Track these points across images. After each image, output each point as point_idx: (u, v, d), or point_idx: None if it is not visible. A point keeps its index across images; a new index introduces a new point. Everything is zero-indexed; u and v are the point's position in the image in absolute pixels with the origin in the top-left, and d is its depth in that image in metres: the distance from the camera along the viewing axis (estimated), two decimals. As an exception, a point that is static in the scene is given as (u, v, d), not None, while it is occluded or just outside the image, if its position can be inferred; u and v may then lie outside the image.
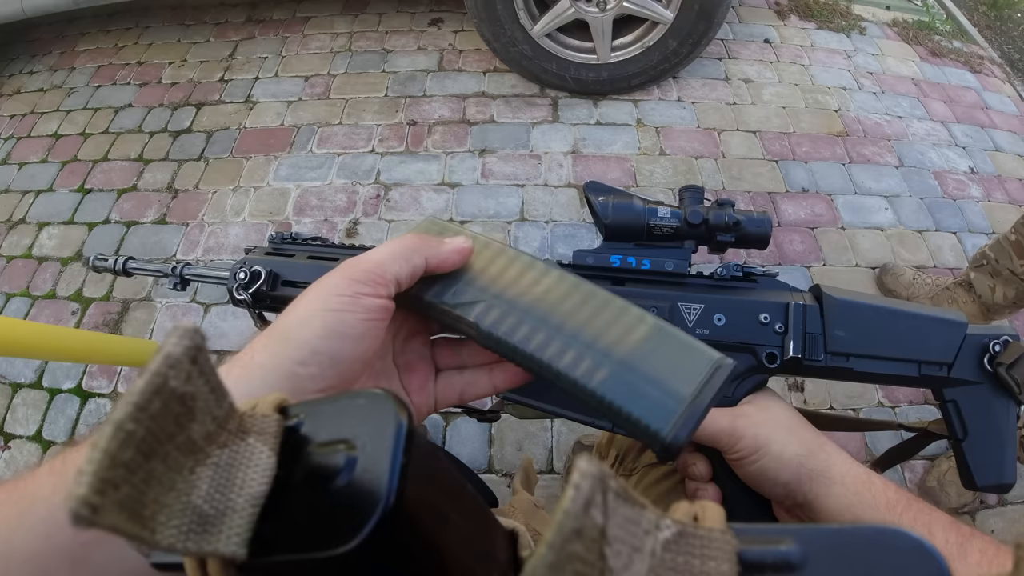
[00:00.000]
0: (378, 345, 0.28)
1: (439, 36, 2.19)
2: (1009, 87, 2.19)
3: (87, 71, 2.22)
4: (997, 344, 0.42)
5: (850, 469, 0.39)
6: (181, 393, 0.13)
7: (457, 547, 0.15)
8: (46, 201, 1.79)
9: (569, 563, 0.11)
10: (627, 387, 0.25)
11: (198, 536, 0.13)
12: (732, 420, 0.41)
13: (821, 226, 1.65)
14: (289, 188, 1.75)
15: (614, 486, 0.13)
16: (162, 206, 1.74)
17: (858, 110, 1.97)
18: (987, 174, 1.83)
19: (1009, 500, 1.23)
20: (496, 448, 1.29)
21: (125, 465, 0.12)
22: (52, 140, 1.97)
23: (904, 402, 1.35)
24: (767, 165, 1.79)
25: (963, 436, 0.43)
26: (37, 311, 1.54)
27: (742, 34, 2.22)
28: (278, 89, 2.05)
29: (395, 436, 0.13)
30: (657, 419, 0.24)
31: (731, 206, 0.44)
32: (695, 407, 0.24)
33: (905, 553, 0.13)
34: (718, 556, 0.13)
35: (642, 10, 1.70)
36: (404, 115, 1.92)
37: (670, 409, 0.24)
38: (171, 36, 2.33)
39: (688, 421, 0.24)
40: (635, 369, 0.25)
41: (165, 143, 1.91)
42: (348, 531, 0.12)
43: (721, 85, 2.02)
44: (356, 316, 0.27)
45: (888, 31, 2.35)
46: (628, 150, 1.82)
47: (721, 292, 0.44)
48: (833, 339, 0.42)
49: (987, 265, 1.29)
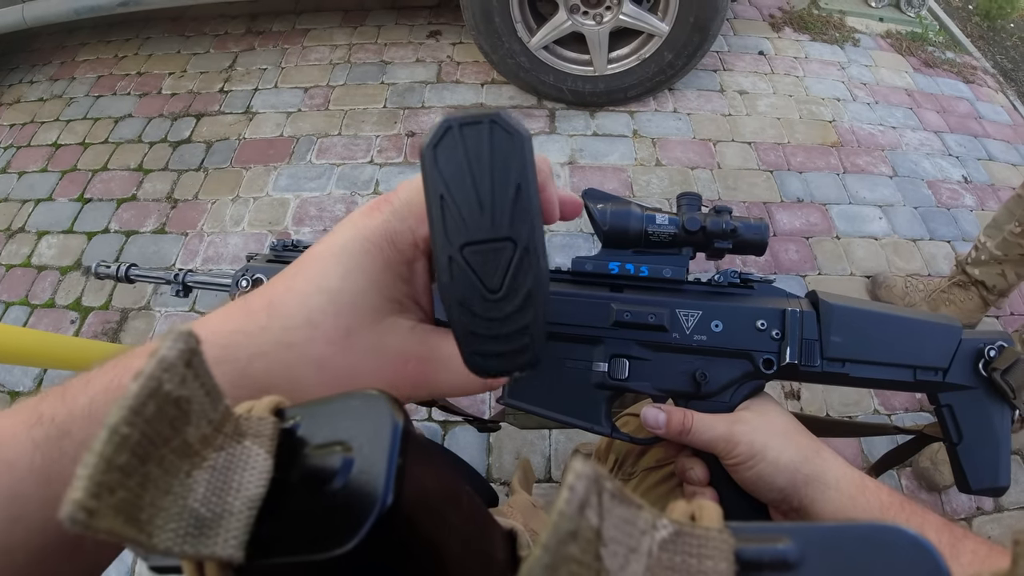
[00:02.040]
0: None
1: (437, 48, 2.21)
2: (1002, 97, 2.22)
3: (87, 81, 2.23)
4: (992, 349, 0.42)
5: (845, 473, 0.39)
6: (176, 396, 0.13)
7: (455, 547, 0.15)
8: (45, 210, 1.79)
9: (565, 564, 0.11)
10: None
11: (195, 539, 0.13)
12: (729, 426, 0.41)
13: (816, 235, 1.66)
14: (288, 198, 1.75)
15: (609, 487, 0.13)
16: (161, 216, 1.74)
17: (852, 121, 1.99)
18: (981, 183, 1.85)
19: (1006, 506, 1.22)
20: (495, 457, 1.28)
21: (120, 469, 0.12)
22: (52, 150, 1.97)
23: (900, 409, 1.35)
24: (762, 175, 1.81)
25: (958, 440, 0.43)
26: (36, 320, 1.53)
27: (737, 46, 2.25)
28: (277, 100, 2.06)
29: (391, 437, 0.14)
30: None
31: (728, 213, 0.45)
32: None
33: (902, 550, 0.13)
34: (715, 555, 0.13)
35: (638, 23, 1.72)
36: (403, 126, 1.94)
37: None
38: (171, 47, 2.35)
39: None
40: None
41: (165, 153, 1.92)
42: (345, 533, 0.12)
43: (716, 96, 2.04)
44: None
45: (881, 42, 2.38)
46: (624, 161, 1.84)
47: (718, 299, 0.45)
48: (829, 345, 0.43)
49: (989, 259, 1.33)
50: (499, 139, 0.16)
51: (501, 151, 0.16)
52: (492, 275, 0.16)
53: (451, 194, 0.16)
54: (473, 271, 0.16)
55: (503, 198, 0.16)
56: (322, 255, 0.23)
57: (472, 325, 0.16)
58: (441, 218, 0.16)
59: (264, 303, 0.23)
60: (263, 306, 0.23)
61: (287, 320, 0.22)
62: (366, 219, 0.23)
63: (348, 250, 0.23)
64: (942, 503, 1.23)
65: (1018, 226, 1.26)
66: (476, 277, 0.16)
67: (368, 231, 0.23)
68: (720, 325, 0.43)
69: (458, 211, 0.16)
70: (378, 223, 0.23)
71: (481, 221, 0.16)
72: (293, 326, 0.22)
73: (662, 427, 0.42)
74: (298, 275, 0.23)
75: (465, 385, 0.24)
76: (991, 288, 1.36)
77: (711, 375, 0.43)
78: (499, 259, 0.16)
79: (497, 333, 0.16)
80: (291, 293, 0.23)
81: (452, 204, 0.16)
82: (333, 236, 0.24)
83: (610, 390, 0.44)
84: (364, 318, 0.23)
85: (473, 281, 0.16)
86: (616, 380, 0.44)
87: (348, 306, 0.22)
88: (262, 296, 0.23)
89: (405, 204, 0.23)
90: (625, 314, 0.43)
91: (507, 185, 0.16)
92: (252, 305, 0.23)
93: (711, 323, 0.43)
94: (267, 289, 0.24)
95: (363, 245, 0.22)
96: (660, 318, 0.43)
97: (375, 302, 0.23)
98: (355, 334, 0.22)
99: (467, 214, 0.16)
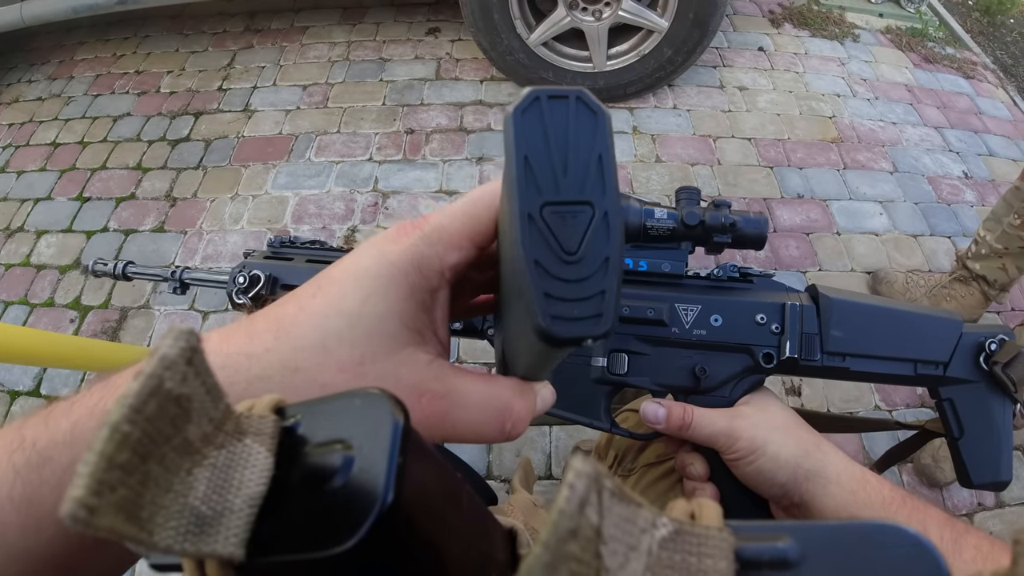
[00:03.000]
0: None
1: (436, 45, 2.21)
2: (1002, 92, 2.21)
3: (86, 80, 2.22)
4: (993, 343, 0.42)
5: (846, 468, 0.39)
6: (177, 395, 0.13)
7: (455, 546, 0.15)
8: (44, 209, 1.79)
9: (565, 563, 0.11)
10: None
11: (196, 537, 0.13)
12: (730, 421, 0.41)
13: (816, 231, 1.66)
14: (287, 196, 1.75)
15: (609, 485, 0.13)
16: (160, 214, 1.74)
17: (852, 116, 1.99)
18: (981, 178, 1.85)
19: (1007, 502, 1.23)
20: (495, 454, 1.28)
21: (121, 467, 0.12)
22: (50, 149, 1.97)
23: (900, 405, 1.35)
24: (762, 171, 1.80)
25: (959, 434, 0.43)
26: (35, 319, 1.53)
27: (736, 42, 2.24)
28: (276, 98, 2.05)
29: (391, 436, 0.14)
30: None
31: (727, 207, 0.44)
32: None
33: (901, 548, 0.13)
34: (715, 554, 0.13)
35: (637, 19, 1.71)
36: (402, 123, 1.93)
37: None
38: (169, 45, 2.34)
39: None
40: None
41: (163, 152, 1.91)
42: (345, 531, 0.12)
43: (716, 93, 2.03)
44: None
45: (882, 38, 2.37)
46: (624, 157, 1.83)
47: (718, 293, 0.45)
48: (830, 339, 0.43)
49: (990, 253, 1.33)
50: (582, 114, 0.17)
51: (584, 125, 0.17)
52: (570, 237, 0.17)
53: (536, 156, 0.17)
54: (551, 231, 0.16)
55: (585, 165, 0.17)
56: (342, 277, 0.22)
57: (547, 286, 0.16)
58: (524, 177, 0.16)
59: (271, 324, 0.22)
60: (270, 327, 0.21)
61: (297, 342, 0.21)
62: (392, 244, 0.22)
63: (371, 273, 0.21)
64: (943, 499, 1.23)
65: (1017, 218, 1.25)
66: (554, 238, 0.16)
67: (394, 256, 0.21)
68: (719, 319, 0.43)
69: (541, 171, 0.17)
70: (405, 247, 0.22)
71: (564, 183, 0.17)
72: (304, 348, 0.21)
73: (662, 422, 0.42)
74: (315, 296, 0.22)
75: (481, 426, 0.22)
76: (992, 283, 1.36)
77: (711, 370, 0.43)
78: (578, 222, 0.17)
79: (573, 296, 0.16)
80: (304, 314, 0.21)
81: (536, 164, 0.17)
82: (354, 258, 0.22)
83: (609, 385, 0.44)
84: (381, 347, 0.21)
85: (550, 241, 0.16)
86: (615, 375, 0.44)
87: (366, 332, 0.21)
88: (268, 317, 0.22)
89: (436, 230, 0.22)
90: (624, 309, 0.43)
91: (589, 154, 0.17)
92: (256, 326, 0.22)
93: (710, 317, 0.43)
94: (275, 309, 0.22)
95: (388, 270, 0.21)
96: (659, 312, 0.43)
97: (394, 330, 0.21)
98: (369, 363, 0.21)
99: (550, 175, 0.17)
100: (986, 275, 1.35)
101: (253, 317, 0.23)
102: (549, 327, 0.16)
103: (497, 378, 0.24)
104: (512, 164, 0.16)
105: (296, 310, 0.22)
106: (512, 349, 0.23)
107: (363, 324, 0.21)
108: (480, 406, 0.23)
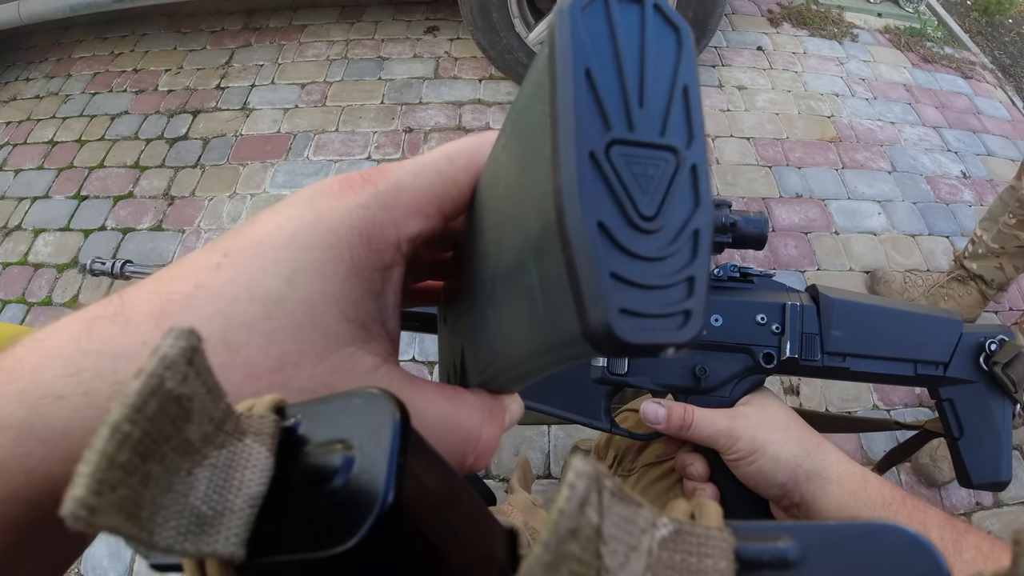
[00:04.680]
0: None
1: (435, 44, 2.20)
2: (1000, 92, 2.21)
3: (83, 78, 2.22)
4: (993, 343, 0.42)
5: (846, 468, 0.39)
6: (178, 394, 0.13)
7: (456, 546, 0.15)
8: (42, 208, 1.79)
9: (565, 563, 0.11)
10: None
11: (196, 537, 0.13)
12: (730, 421, 0.41)
13: (815, 231, 1.66)
14: (286, 195, 1.73)
15: (609, 485, 0.13)
16: (158, 213, 1.73)
17: (851, 116, 1.99)
18: (979, 178, 1.85)
19: (1005, 501, 1.23)
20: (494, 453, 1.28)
21: (122, 467, 0.12)
22: (48, 147, 1.97)
23: (899, 404, 1.36)
24: (761, 171, 1.80)
25: (959, 434, 0.43)
26: (33, 318, 1.53)
27: (735, 41, 2.24)
28: (274, 96, 2.05)
29: (392, 435, 0.14)
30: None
31: (728, 207, 0.45)
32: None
33: (902, 549, 0.13)
34: (715, 554, 0.13)
35: (637, 17, 1.71)
36: (400, 122, 1.93)
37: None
38: (167, 44, 2.34)
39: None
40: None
41: (161, 150, 1.91)
42: (346, 531, 0.12)
43: (715, 92, 2.03)
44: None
45: (880, 38, 2.37)
46: (624, 156, 1.83)
47: (718, 293, 0.45)
48: (830, 339, 0.43)
49: (987, 252, 1.33)
50: (660, 29, 0.12)
51: (662, 42, 0.12)
52: (645, 194, 0.11)
53: (602, 73, 0.11)
54: (622, 182, 0.11)
55: (666, 97, 0.12)
56: (258, 245, 0.16)
57: (612, 263, 0.10)
58: (586, 99, 0.11)
59: (152, 308, 0.15)
60: (151, 312, 0.15)
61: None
62: (333, 200, 0.16)
63: (300, 242, 0.15)
64: (941, 499, 1.24)
65: (1012, 217, 1.25)
66: (625, 192, 0.11)
67: (335, 218, 0.16)
68: (720, 319, 0.43)
69: (609, 95, 0.11)
70: (350, 208, 0.16)
71: (640, 117, 0.11)
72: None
73: (662, 422, 0.42)
74: (218, 269, 0.15)
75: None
76: (989, 282, 1.36)
77: (711, 370, 0.43)
78: (658, 174, 0.11)
79: (650, 281, 0.11)
80: (202, 294, 0.15)
81: (603, 84, 0.11)
82: (278, 217, 0.16)
83: (609, 385, 0.44)
84: (310, 345, 0.15)
85: (620, 196, 0.11)
86: (615, 375, 0.44)
87: (289, 324, 0.15)
88: (150, 296, 0.16)
89: (393, 188, 0.16)
90: None
91: (671, 83, 0.12)
92: (133, 310, 0.15)
93: (710, 317, 0.43)
94: (159, 285, 0.16)
95: (324, 238, 0.15)
96: None
97: (329, 323, 0.16)
98: (291, 367, 0.15)
99: (620, 104, 0.11)
100: (983, 275, 1.36)
101: (126, 294, 0.16)
102: (613, 326, 0.10)
103: (460, 393, 0.18)
104: (566, 79, 0.11)
105: (191, 288, 0.15)
106: (484, 352, 0.17)
107: (286, 312, 0.15)
108: (438, 432, 0.17)
